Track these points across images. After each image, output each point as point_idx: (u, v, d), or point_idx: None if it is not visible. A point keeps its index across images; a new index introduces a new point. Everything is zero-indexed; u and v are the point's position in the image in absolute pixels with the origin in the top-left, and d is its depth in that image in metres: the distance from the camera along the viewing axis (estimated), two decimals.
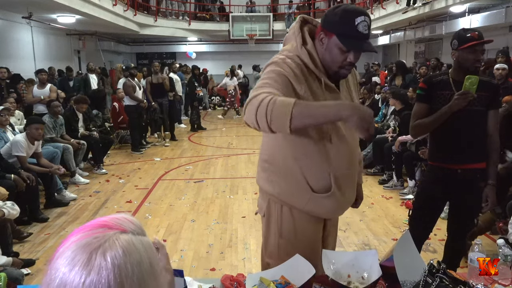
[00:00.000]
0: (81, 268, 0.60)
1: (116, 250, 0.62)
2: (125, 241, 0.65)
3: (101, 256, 0.61)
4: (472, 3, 7.96)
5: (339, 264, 1.65)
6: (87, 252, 0.62)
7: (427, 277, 1.43)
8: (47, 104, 6.13)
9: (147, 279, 0.65)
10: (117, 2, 9.94)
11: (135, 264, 0.63)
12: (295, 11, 15.41)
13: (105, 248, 0.62)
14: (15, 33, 9.13)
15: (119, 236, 0.65)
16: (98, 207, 4.94)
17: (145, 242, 0.68)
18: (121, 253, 0.62)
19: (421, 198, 2.70)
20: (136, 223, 0.70)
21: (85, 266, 0.60)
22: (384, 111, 6.96)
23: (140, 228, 0.70)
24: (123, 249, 0.63)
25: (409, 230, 2.68)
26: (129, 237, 0.66)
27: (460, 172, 2.44)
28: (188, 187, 5.71)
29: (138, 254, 0.65)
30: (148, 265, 0.66)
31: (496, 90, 2.51)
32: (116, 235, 0.65)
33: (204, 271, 3.30)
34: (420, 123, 2.50)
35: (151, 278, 0.66)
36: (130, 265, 0.62)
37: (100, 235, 0.64)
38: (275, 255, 1.77)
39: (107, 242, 0.63)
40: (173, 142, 8.94)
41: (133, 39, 16.50)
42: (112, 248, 0.63)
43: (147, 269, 0.65)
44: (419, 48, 13.09)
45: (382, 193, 5.32)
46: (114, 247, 0.63)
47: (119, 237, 0.65)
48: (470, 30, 2.42)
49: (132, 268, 0.63)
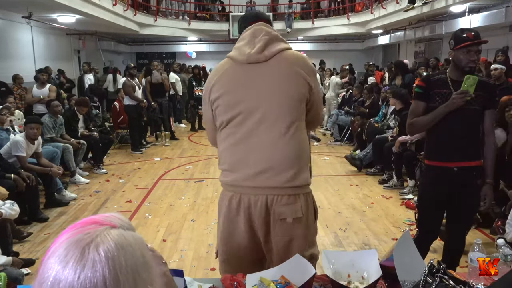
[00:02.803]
0: (75, 264, 0.60)
1: (108, 244, 0.63)
2: (116, 235, 0.65)
3: (94, 250, 0.61)
4: (472, 3, 7.95)
5: (339, 264, 1.65)
6: (79, 247, 0.62)
7: (427, 277, 1.42)
8: (47, 104, 6.13)
9: (140, 270, 0.65)
10: (117, 2, 9.93)
11: (128, 256, 0.64)
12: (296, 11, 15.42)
13: (97, 243, 0.62)
14: (15, 33, 9.12)
15: (110, 231, 0.65)
16: (98, 207, 4.94)
17: (136, 236, 0.69)
18: (113, 246, 0.63)
19: (423, 200, 2.70)
20: (124, 219, 0.71)
21: (79, 261, 0.60)
22: (384, 111, 6.96)
23: (129, 224, 0.71)
24: (115, 242, 0.63)
25: (417, 234, 2.70)
26: (119, 231, 0.67)
27: (456, 170, 2.46)
28: (188, 187, 5.71)
29: (130, 246, 0.65)
30: (140, 256, 0.66)
31: (493, 90, 2.53)
32: (107, 230, 0.65)
33: (204, 271, 3.30)
34: (417, 121, 2.53)
35: (144, 270, 0.66)
36: (123, 257, 0.63)
37: (91, 231, 0.64)
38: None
39: (99, 237, 0.63)
40: (173, 142, 8.94)
41: (133, 39, 16.48)
42: (104, 242, 0.63)
43: (139, 260, 0.66)
44: (419, 48, 13.09)
45: (382, 193, 5.32)
46: (106, 241, 0.63)
47: (110, 232, 0.65)
48: (467, 31, 2.43)
49: (126, 260, 0.63)
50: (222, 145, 1.82)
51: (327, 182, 5.85)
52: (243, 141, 1.73)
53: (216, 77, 1.81)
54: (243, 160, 1.73)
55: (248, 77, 1.75)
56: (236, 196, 1.75)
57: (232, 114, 1.74)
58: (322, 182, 5.80)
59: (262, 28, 1.80)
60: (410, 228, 4.03)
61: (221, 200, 1.85)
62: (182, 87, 10.74)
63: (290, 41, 16.40)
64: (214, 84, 1.80)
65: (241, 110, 1.72)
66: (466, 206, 2.55)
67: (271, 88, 1.72)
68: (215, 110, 1.80)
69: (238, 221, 1.75)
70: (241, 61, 1.76)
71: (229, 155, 1.77)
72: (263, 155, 1.70)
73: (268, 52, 1.74)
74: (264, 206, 1.71)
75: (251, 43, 1.77)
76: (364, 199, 5.11)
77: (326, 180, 5.92)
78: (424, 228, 2.70)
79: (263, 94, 1.72)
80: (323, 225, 4.23)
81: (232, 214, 1.76)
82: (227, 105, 1.75)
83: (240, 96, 1.73)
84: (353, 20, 13.53)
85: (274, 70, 1.73)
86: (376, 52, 16.82)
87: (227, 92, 1.76)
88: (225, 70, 1.80)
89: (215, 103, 1.79)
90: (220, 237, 1.85)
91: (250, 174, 1.71)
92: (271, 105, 1.70)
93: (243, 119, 1.73)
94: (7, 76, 7.72)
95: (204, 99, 1.87)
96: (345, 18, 13.84)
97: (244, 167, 1.72)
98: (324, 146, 8.43)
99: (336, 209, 4.75)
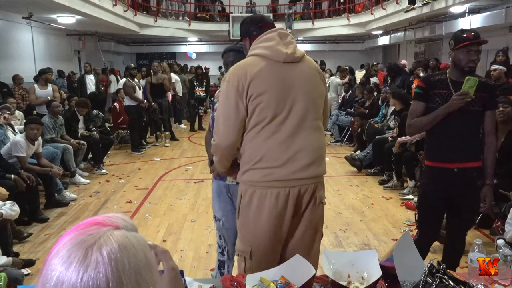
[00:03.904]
0: (78, 265, 0.60)
1: (111, 245, 0.63)
2: (119, 236, 0.65)
3: (97, 251, 0.62)
4: (472, 4, 7.95)
5: (339, 264, 1.66)
6: (82, 249, 0.62)
7: (427, 277, 1.43)
8: (47, 104, 6.12)
9: (143, 272, 0.65)
10: (117, 2, 9.94)
11: (131, 258, 0.64)
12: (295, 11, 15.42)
13: (100, 244, 0.62)
14: (15, 33, 9.13)
15: (113, 232, 0.65)
16: (98, 207, 4.94)
17: (139, 237, 0.69)
18: (116, 248, 0.63)
19: (424, 201, 2.70)
20: (127, 220, 0.71)
21: (82, 262, 0.60)
22: (384, 111, 6.96)
23: (132, 224, 0.71)
24: (118, 243, 0.64)
25: (417, 235, 2.70)
26: (122, 232, 0.66)
27: (456, 171, 2.45)
28: (188, 187, 5.71)
29: (133, 248, 0.65)
30: (143, 258, 0.66)
31: (493, 91, 2.53)
32: (110, 231, 0.65)
33: (204, 271, 3.30)
34: (417, 122, 2.53)
35: (147, 271, 0.66)
36: (126, 258, 0.63)
37: (94, 232, 0.64)
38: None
39: (102, 238, 0.63)
40: (173, 143, 8.94)
41: (133, 40, 16.48)
42: (107, 243, 0.63)
43: (142, 262, 0.66)
44: (419, 48, 13.09)
45: (382, 193, 5.32)
46: (110, 242, 0.63)
47: (113, 233, 0.65)
48: (467, 31, 2.43)
49: (129, 261, 0.63)
50: (263, 143, 1.81)
51: (327, 182, 5.84)
52: (291, 138, 1.82)
53: (253, 73, 1.80)
54: (294, 156, 1.82)
55: (288, 75, 1.84)
56: (284, 191, 1.82)
57: (277, 111, 1.80)
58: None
59: (286, 33, 1.94)
60: (410, 229, 4.03)
61: (260, 199, 1.84)
62: (182, 87, 10.74)
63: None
64: (253, 79, 1.79)
65: (285, 107, 1.81)
66: (466, 207, 2.55)
67: (306, 86, 1.86)
68: (256, 106, 1.79)
69: (286, 215, 1.85)
70: (278, 60, 1.84)
71: (278, 152, 1.81)
72: (310, 148, 1.85)
73: (299, 53, 1.90)
74: (310, 194, 1.88)
75: (283, 44, 1.86)
76: (364, 199, 5.11)
77: (326, 181, 5.85)
78: (424, 228, 2.70)
79: (302, 91, 1.84)
80: (323, 225, 4.23)
81: (279, 209, 1.83)
82: (271, 102, 1.80)
83: (283, 94, 1.82)
84: (353, 20, 13.54)
85: (306, 70, 1.90)
86: (376, 53, 16.82)
87: (270, 90, 1.80)
88: (263, 67, 1.82)
89: (256, 100, 1.79)
90: (258, 236, 1.87)
91: (301, 167, 1.83)
92: (308, 102, 1.86)
93: (286, 115, 1.82)
94: (7, 76, 7.72)
95: (232, 94, 1.80)
96: (345, 18, 13.84)
97: (294, 162, 1.82)
98: None
99: (336, 209, 4.75)
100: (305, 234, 1.93)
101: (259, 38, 1.91)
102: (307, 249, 1.93)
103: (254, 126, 1.81)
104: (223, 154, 1.93)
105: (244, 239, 1.93)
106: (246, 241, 1.91)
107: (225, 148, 1.88)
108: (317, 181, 1.90)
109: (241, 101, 1.79)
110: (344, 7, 14.19)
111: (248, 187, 1.86)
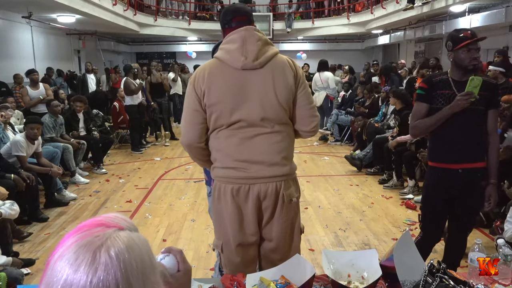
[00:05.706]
0: (87, 267, 0.60)
1: (119, 246, 0.63)
2: (125, 237, 0.65)
3: (106, 253, 0.61)
4: (472, 3, 7.95)
5: (339, 264, 1.65)
6: (90, 251, 0.62)
7: (427, 277, 1.42)
8: (47, 103, 6.11)
9: (148, 272, 0.66)
10: (117, 1, 9.93)
11: (137, 258, 0.64)
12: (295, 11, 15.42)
13: (108, 246, 0.62)
14: (15, 33, 9.12)
15: (118, 233, 0.65)
16: (98, 207, 4.94)
17: (141, 238, 0.69)
18: (124, 249, 0.63)
19: (427, 202, 2.68)
20: (129, 220, 0.71)
21: (91, 265, 0.60)
22: (384, 110, 6.96)
23: (133, 225, 0.71)
24: (125, 245, 0.64)
25: (420, 235, 2.70)
26: (127, 233, 0.67)
27: (461, 172, 2.44)
28: (188, 186, 5.71)
29: (139, 249, 0.66)
30: (148, 259, 0.67)
31: (496, 90, 2.52)
32: (115, 233, 0.65)
33: (204, 271, 3.30)
34: (421, 123, 2.50)
35: (151, 272, 0.67)
36: (133, 259, 0.63)
37: (101, 234, 0.64)
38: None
39: (109, 240, 0.63)
40: (173, 142, 8.94)
41: (133, 39, 16.48)
42: (115, 245, 0.63)
43: (147, 262, 0.66)
44: (419, 47, 13.09)
45: (382, 192, 5.32)
46: (117, 244, 0.63)
47: (118, 234, 0.65)
48: (463, 30, 2.43)
49: (136, 263, 0.63)
50: (221, 144, 1.86)
51: (327, 182, 5.85)
52: (249, 142, 1.83)
53: (210, 79, 1.82)
54: (251, 159, 1.83)
55: (245, 84, 1.82)
56: (244, 187, 1.83)
57: (233, 120, 1.82)
58: (322, 182, 5.80)
59: (253, 34, 1.85)
60: (410, 228, 4.03)
61: (224, 194, 1.87)
62: (182, 87, 10.73)
63: (290, 41, 16.41)
64: (209, 88, 1.82)
65: (241, 116, 1.81)
66: (469, 207, 2.54)
67: (266, 93, 1.82)
68: (212, 113, 1.83)
69: (247, 209, 1.85)
70: (236, 66, 1.82)
71: (236, 154, 1.83)
72: (269, 152, 1.84)
73: (263, 58, 1.83)
74: (275, 192, 1.85)
75: (244, 49, 1.81)
76: (364, 199, 5.11)
77: (326, 180, 5.92)
78: (428, 229, 2.68)
79: (259, 100, 1.81)
80: (323, 225, 4.24)
81: (240, 203, 1.85)
82: (226, 111, 1.81)
83: (239, 103, 1.81)
84: (353, 20, 13.53)
85: (268, 76, 1.83)
86: (376, 52, 16.81)
87: (226, 99, 1.81)
88: (220, 75, 1.83)
89: (212, 108, 1.82)
90: (225, 230, 1.91)
91: (259, 168, 1.83)
92: (266, 109, 1.82)
93: (244, 123, 1.82)
94: (7, 76, 7.71)
95: (192, 97, 1.85)
96: (345, 18, 13.84)
97: (253, 164, 1.83)
98: (324, 146, 8.43)
99: (336, 209, 4.75)
100: (282, 234, 1.91)
101: (226, 37, 1.89)
102: (288, 246, 1.95)
103: (213, 130, 1.87)
104: (190, 152, 1.97)
105: (216, 233, 2.00)
106: (218, 235, 1.98)
107: (186, 147, 1.94)
108: (281, 180, 1.86)
109: (199, 105, 1.84)
110: (344, 6, 14.18)
111: (216, 182, 1.91)
